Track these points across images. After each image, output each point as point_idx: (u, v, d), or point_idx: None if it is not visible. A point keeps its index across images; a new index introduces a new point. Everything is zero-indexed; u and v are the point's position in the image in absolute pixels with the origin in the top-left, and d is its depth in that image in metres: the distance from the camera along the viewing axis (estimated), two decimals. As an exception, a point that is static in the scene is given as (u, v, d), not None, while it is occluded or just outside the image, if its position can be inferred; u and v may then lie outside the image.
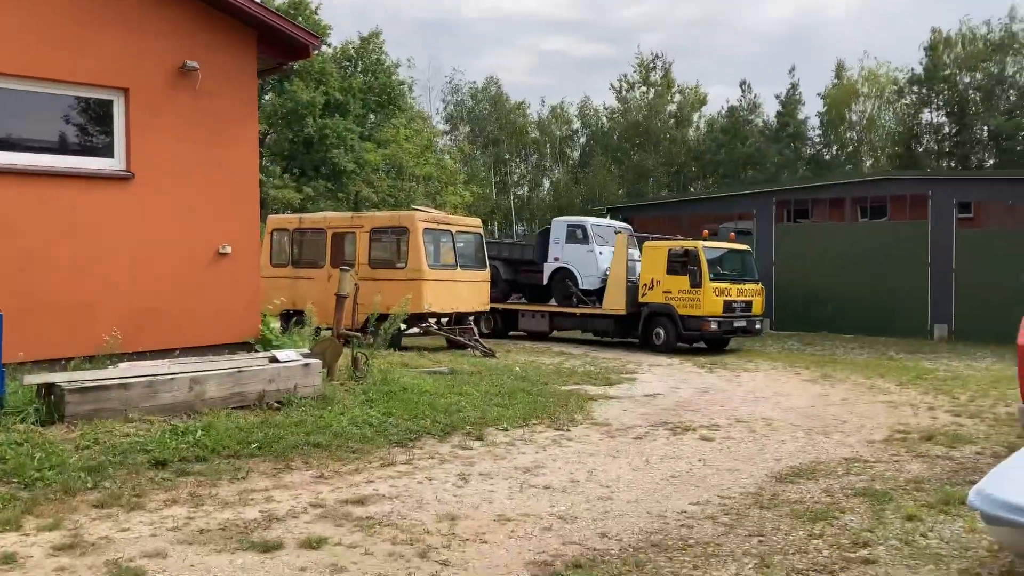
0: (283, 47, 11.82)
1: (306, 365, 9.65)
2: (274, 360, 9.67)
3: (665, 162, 62.85)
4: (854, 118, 58.43)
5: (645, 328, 20.03)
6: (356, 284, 11.90)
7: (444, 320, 18.28)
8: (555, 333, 22.60)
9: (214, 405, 8.76)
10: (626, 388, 13.36)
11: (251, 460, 7.50)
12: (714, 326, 19.01)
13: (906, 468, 8.03)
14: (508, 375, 13.51)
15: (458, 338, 17.46)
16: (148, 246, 10.61)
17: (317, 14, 41.29)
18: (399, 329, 15.92)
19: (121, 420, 8.07)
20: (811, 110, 60.90)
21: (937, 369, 16.53)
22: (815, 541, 5.71)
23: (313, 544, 5.43)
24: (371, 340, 12.29)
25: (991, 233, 24.36)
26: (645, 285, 19.94)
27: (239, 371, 9.13)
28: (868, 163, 56.51)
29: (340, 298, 11.13)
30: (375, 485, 6.97)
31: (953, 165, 52.54)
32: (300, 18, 39.15)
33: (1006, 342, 7.11)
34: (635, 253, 20.57)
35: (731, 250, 20.61)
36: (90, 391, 8.11)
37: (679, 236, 21.63)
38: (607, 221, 23.35)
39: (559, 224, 22.66)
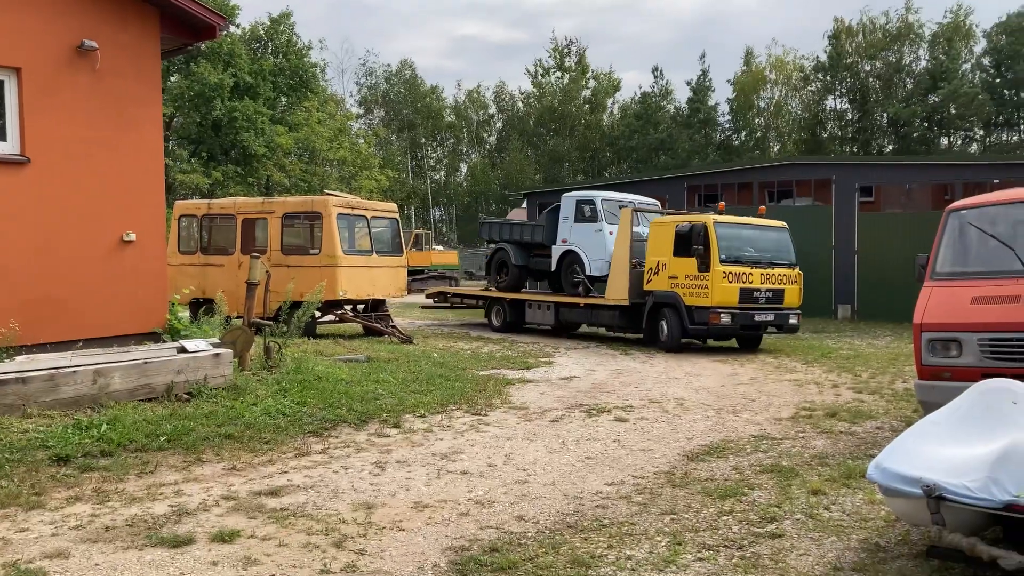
0: (188, 27, 11.44)
1: (216, 355, 9.41)
2: (183, 350, 9.40)
3: (580, 147, 63.48)
4: (762, 104, 60.04)
5: (651, 321, 16.99)
6: (267, 271, 11.64)
7: (360, 307, 18.08)
8: (584, 328, 19.67)
9: (120, 398, 8.47)
10: (543, 372, 13.47)
11: (160, 453, 7.29)
12: (726, 319, 15.62)
13: (811, 444, 8.32)
14: (426, 361, 13.47)
15: (374, 325, 17.31)
16: (48, 233, 10.16)
17: (225, -7, 40.12)
18: (313, 316, 15.69)
19: (19, 416, 7.73)
20: (721, 96, 62.37)
21: (841, 348, 17.18)
22: (725, 517, 5.87)
23: (225, 537, 5.31)
24: (284, 328, 12.06)
25: (890, 216, 25.38)
26: (651, 270, 16.84)
27: (145, 362, 8.85)
28: (775, 148, 58.24)
29: (251, 286, 10.89)
30: (289, 476, 6.87)
31: (856, 150, 54.64)
32: (207, -3, 38.02)
33: (904, 321, 7.44)
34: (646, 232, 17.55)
35: (757, 227, 16.97)
36: (-15, 386, 7.74)
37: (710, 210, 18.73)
38: (623, 196, 19.71)
39: (568, 200, 19.43)
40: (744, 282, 15.80)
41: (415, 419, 9.28)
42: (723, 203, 17.45)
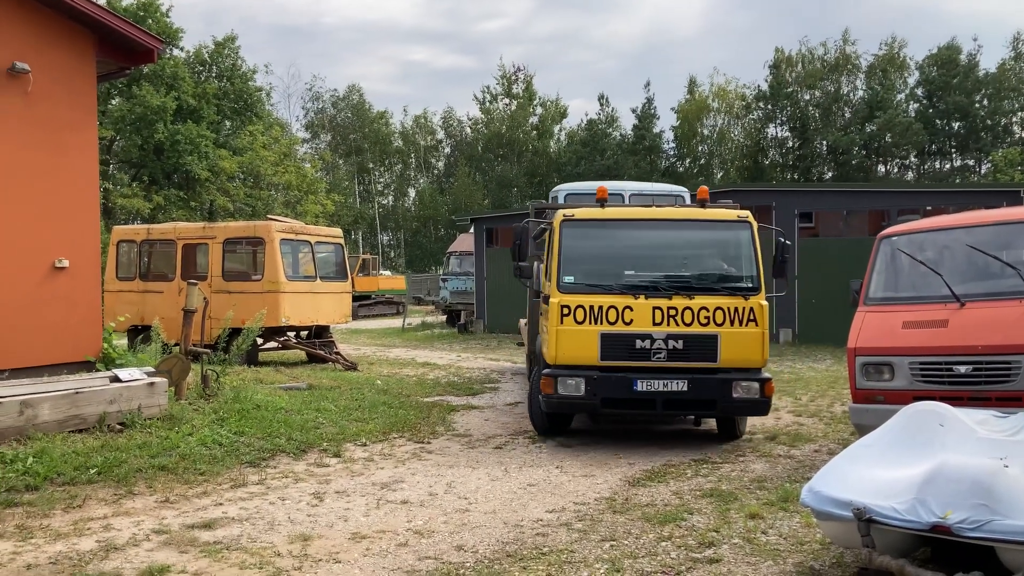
0: (124, 50, 11.27)
1: (151, 384, 9.18)
2: (116, 379, 9.15)
3: (528, 172, 63.83)
4: (705, 132, 61.09)
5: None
6: (205, 299, 11.42)
7: (304, 333, 17.85)
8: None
9: (49, 429, 8.20)
10: (489, 397, 13.40)
11: (89, 486, 7.08)
12: (571, 387, 8.96)
13: (751, 468, 8.40)
14: (369, 388, 13.32)
15: (318, 352, 17.09)
16: (-26, 260, 9.85)
17: (168, 17, 39.75)
18: (255, 344, 15.43)
19: (-60, 449, 7.45)
20: (665, 124, 63.43)
21: (782, 371, 17.41)
22: (664, 543, 5.88)
23: (154, 573, 5.16)
24: (224, 356, 11.82)
25: (830, 241, 25.92)
26: None
27: (76, 392, 8.59)
28: (719, 175, 59.24)
29: (187, 313, 10.68)
30: (224, 508, 6.71)
31: (796, 177, 55.83)
32: (150, 20, 37.58)
33: (843, 344, 7.50)
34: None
35: (671, 223, 9.79)
36: (-96, 419, 7.44)
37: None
38: (614, 184, 13.56)
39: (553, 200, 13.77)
40: (612, 322, 8.96)
41: (356, 448, 9.16)
42: (603, 188, 10.00)
